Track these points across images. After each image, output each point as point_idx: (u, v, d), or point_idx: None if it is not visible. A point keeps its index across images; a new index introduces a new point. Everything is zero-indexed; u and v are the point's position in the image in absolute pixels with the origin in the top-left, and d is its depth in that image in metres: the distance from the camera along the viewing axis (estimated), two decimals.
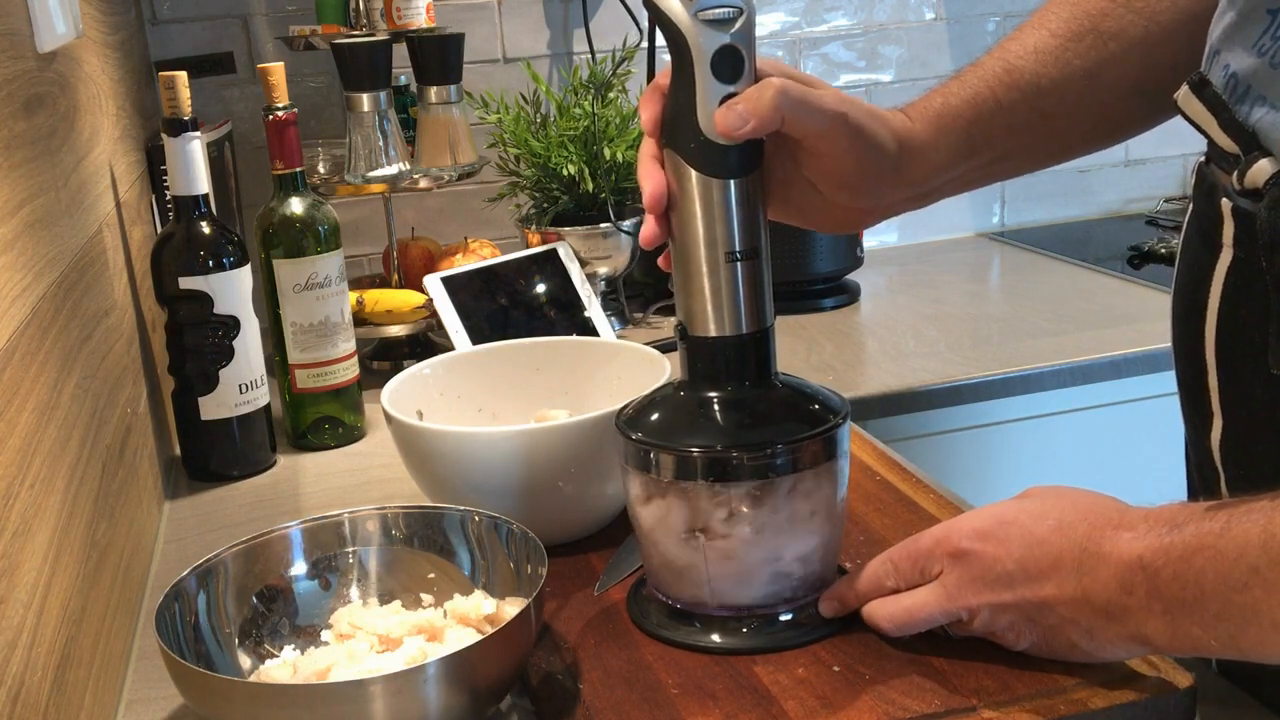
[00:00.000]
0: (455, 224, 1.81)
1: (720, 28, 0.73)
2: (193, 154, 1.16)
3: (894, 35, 1.98)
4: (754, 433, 0.78)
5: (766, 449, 0.76)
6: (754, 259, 0.77)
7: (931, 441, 1.45)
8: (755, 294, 0.78)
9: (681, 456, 0.77)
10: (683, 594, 0.82)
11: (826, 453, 0.78)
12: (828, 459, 0.78)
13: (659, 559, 0.82)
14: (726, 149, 0.75)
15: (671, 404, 0.82)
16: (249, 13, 1.72)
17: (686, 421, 0.80)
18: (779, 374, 0.81)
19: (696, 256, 0.77)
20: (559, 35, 1.83)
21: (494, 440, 0.92)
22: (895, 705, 0.73)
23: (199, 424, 1.20)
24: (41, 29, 0.88)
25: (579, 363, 1.10)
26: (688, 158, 0.76)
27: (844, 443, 0.80)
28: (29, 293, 0.75)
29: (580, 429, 0.92)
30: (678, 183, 0.76)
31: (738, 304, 0.77)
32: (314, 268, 1.24)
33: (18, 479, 0.66)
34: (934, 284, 1.82)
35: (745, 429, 0.78)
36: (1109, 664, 0.75)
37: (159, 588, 0.99)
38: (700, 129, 0.75)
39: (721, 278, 0.77)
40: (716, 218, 0.76)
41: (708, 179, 0.76)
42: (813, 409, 0.80)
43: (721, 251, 0.76)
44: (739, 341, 0.78)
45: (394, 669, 0.72)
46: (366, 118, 1.49)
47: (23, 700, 0.61)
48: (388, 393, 1.00)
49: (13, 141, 0.76)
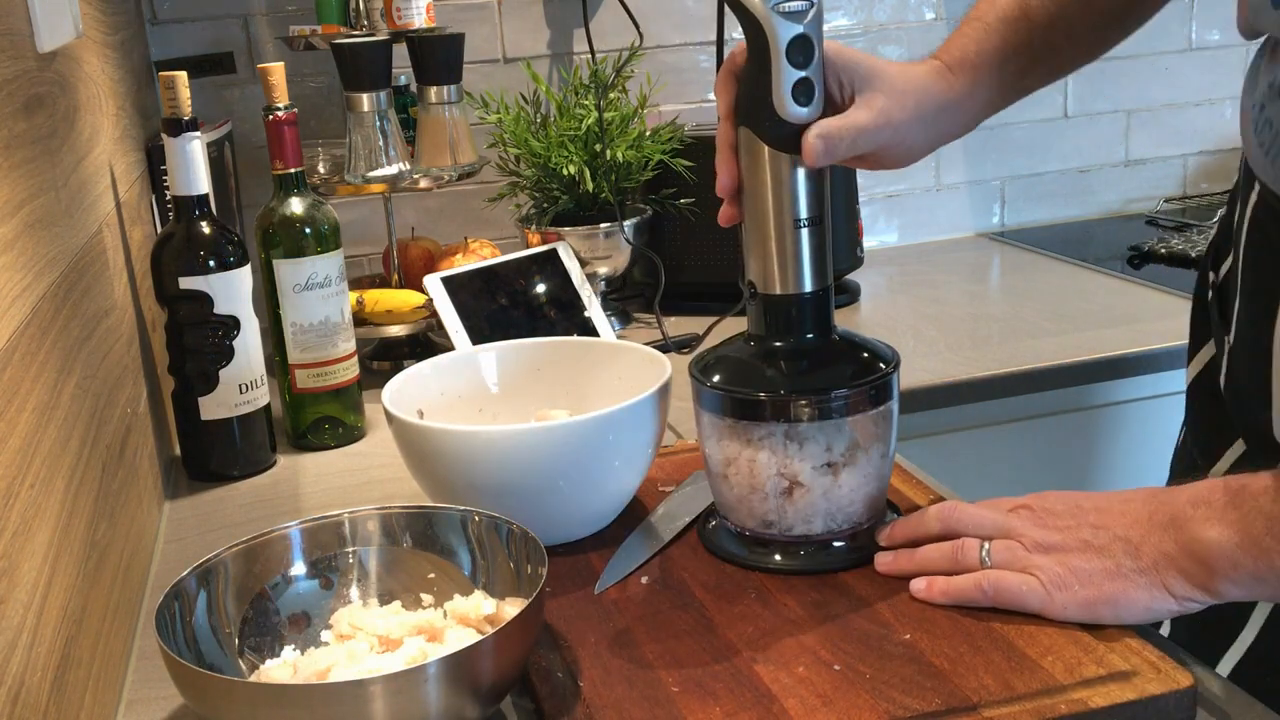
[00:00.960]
0: (455, 224, 1.81)
1: (794, 19, 0.83)
2: (193, 154, 1.16)
3: (894, 35, 1.98)
4: (817, 378, 0.89)
5: (830, 393, 0.87)
6: (818, 225, 0.87)
7: (931, 441, 1.45)
8: (819, 257, 0.88)
9: (753, 401, 0.88)
10: (749, 523, 0.92)
11: (881, 397, 0.89)
12: (883, 402, 0.89)
13: (729, 494, 0.92)
14: (797, 129, 0.85)
15: (743, 354, 0.92)
16: (249, 13, 1.72)
17: (757, 370, 0.90)
18: (836, 328, 0.92)
19: (766, 224, 0.87)
20: (559, 35, 1.83)
21: (494, 440, 0.93)
22: (895, 704, 0.73)
23: (199, 424, 1.20)
24: (41, 29, 0.88)
25: (579, 363, 1.10)
26: (764, 136, 0.85)
27: (894, 388, 0.90)
28: (29, 293, 0.75)
29: (580, 429, 0.92)
30: (751, 159, 0.87)
31: (802, 265, 0.87)
32: (314, 268, 1.24)
33: (18, 479, 0.66)
34: (934, 284, 1.82)
35: (809, 375, 0.89)
36: (1109, 664, 0.75)
37: (159, 588, 0.99)
38: (775, 111, 0.84)
39: (788, 242, 0.87)
40: (786, 190, 0.86)
41: (779, 155, 0.85)
42: (867, 358, 0.91)
43: (789, 219, 0.86)
44: (804, 299, 0.88)
45: (394, 669, 0.72)
46: (366, 118, 1.49)
47: (23, 700, 0.61)
48: (389, 392, 1.00)
49: (13, 141, 0.76)
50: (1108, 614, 0.77)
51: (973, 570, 0.82)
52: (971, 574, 0.82)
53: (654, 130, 1.61)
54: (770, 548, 0.91)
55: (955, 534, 0.85)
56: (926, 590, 0.84)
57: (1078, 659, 0.76)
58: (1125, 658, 0.75)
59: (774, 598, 0.87)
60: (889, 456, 0.92)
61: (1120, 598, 0.76)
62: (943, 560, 0.84)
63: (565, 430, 0.92)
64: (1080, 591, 0.78)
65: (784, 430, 0.88)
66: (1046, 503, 0.83)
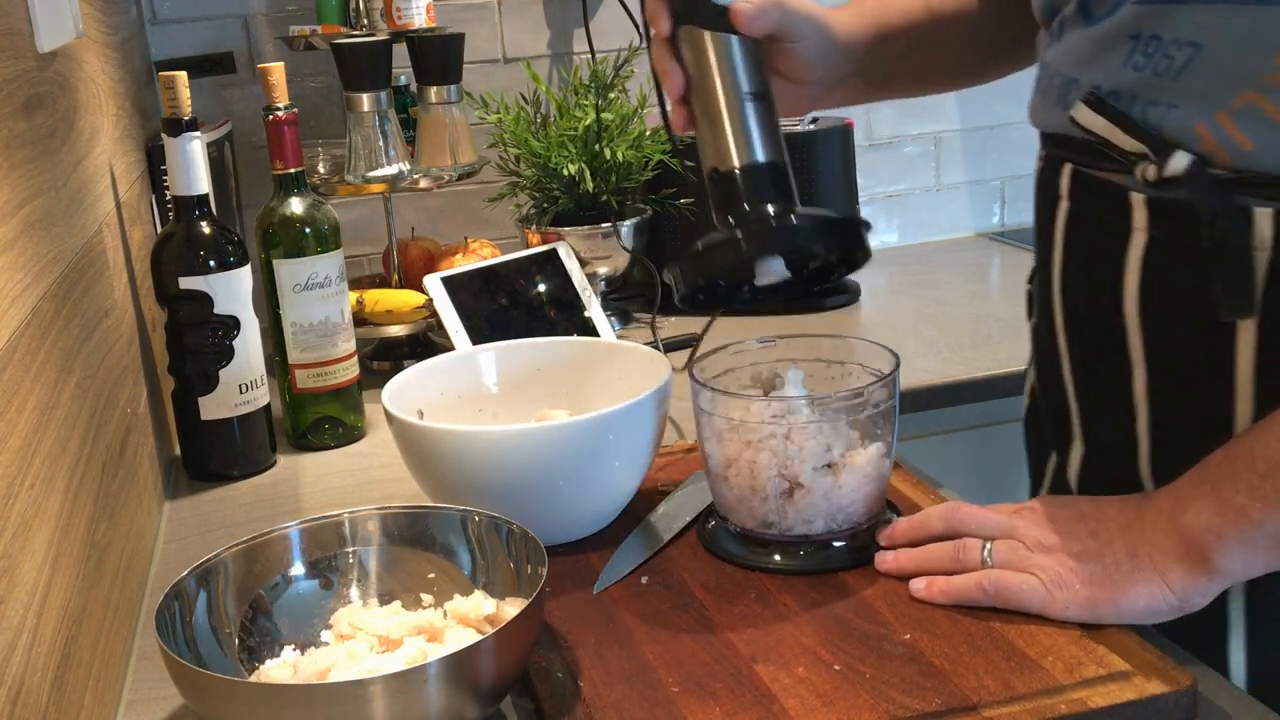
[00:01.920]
0: (455, 224, 1.81)
1: None
2: (193, 154, 1.16)
3: None
4: None
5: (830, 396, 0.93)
6: (765, 99, 0.90)
7: (931, 441, 1.45)
8: (770, 129, 0.90)
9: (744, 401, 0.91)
10: (749, 524, 0.92)
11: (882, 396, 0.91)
12: (883, 402, 0.91)
13: (729, 495, 0.93)
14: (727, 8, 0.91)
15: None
16: (249, 13, 1.72)
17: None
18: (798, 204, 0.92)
19: (717, 102, 0.90)
20: (559, 35, 1.83)
21: (494, 440, 0.92)
22: (895, 704, 0.73)
23: (199, 424, 1.20)
24: (41, 29, 0.88)
25: (579, 362, 1.10)
26: (703, 23, 0.91)
27: (896, 389, 0.92)
28: (29, 293, 0.75)
29: (580, 429, 0.92)
30: (695, 54, 0.91)
31: (753, 135, 0.89)
32: (314, 268, 1.24)
33: (18, 479, 0.66)
34: (934, 284, 1.82)
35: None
36: (1109, 664, 0.75)
37: (159, 588, 0.99)
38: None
39: (739, 116, 0.90)
40: (731, 66, 0.90)
41: (719, 36, 0.90)
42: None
43: (736, 95, 0.90)
44: (761, 168, 0.89)
45: (394, 669, 0.72)
46: (366, 118, 1.49)
47: (23, 700, 0.61)
48: (389, 392, 1.00)
49: (13, 141, 0.76)
50: (1108, 613, 0.77)
51: (974, 570, 0.83)
52: (972, 574, 0.82)
53: (654, 130, 1.61)
54: (770, 548, 0.92)
55: (958, 534, 0.85)
56: (926, 590, 0.84)
57: (1078, 659, 0.76)
58: (1125, 658, 0.75)
59: (774, 598, 0.87)
60: (889, 456, 0.92)
61: (1120, 596, 0.77)
62: (944, 559, 0.84)
63: (565, 430, 0.92)
64: (1081, 591, 0.78)
65: (784, 431, 0.88)
66: (1049, 506, 0.83)
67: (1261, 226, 0.74)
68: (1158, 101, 0.77)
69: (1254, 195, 0.74)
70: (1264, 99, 0.72)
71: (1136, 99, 0.78)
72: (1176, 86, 0.76)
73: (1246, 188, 0.74)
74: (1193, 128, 0.75)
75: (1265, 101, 0.72)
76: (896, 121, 2.01)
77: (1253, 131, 0.73)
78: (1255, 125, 0.73)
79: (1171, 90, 0.76)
